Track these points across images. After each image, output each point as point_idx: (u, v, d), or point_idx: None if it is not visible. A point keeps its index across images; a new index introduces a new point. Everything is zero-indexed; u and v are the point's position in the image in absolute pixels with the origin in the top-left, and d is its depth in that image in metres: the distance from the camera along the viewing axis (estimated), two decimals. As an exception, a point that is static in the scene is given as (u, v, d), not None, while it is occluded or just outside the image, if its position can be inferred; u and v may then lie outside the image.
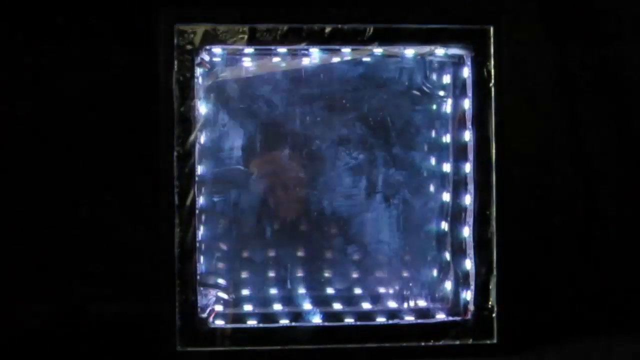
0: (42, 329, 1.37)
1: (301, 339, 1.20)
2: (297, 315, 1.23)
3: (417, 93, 1.31)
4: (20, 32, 1.59)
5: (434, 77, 1.30)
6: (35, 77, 1.59)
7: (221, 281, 1.28)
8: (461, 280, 1.24)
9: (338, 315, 1.24)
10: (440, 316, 1.24)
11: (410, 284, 1.31)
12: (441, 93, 1.29)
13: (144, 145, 1.37)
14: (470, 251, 1.23)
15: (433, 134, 1.30)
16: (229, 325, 1.21)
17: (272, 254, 1.31)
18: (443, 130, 1.29)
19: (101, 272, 1.58)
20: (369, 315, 1.25)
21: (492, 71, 1.22)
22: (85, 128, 1.62)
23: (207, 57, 1.21)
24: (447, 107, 1.28)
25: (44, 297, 1.52)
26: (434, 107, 1.30)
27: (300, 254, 1.31)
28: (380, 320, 1.23)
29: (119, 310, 1.46)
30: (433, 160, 1.30)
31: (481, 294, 1.23)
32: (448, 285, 1.26)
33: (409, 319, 1.24)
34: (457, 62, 1.26)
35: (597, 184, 1.64)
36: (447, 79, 1.28)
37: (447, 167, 1.27)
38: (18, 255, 1.59)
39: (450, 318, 1.24)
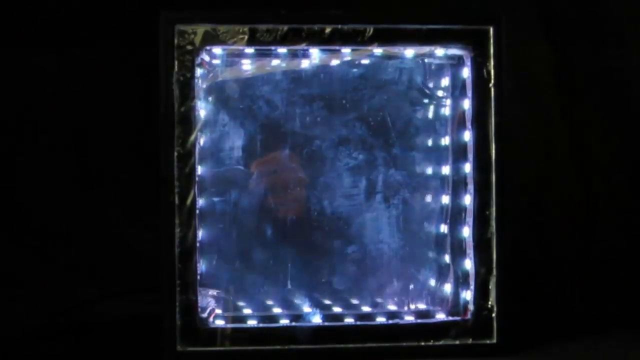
0: (42, 328, 1.37)
1: (301, 339, 1.20)
2: (297, 316, 1.23)
3: (417, 93, 1.31)
4: (20, 34, 1.59)
5: (434, 77, 1.30)
6: (35, 77, 1.60)
7: (221, 281, 1.28)
8: (461, 281, 1.24)
9: (338, 315, 1.24)
10: (440, 316, 1.24)
11: (411, 286, 1.31)
12: (440, 93, 1.29)
13: (144, 146, 1.38)
14: (470, 251, 1.23)
15: (433, 134, 1.30)
16: (229, 325, 1.21)
17: (272, 254, 1.31)
18: (443, 130, 1.29)
19: (101, 271, 1.59)
20: (368, 315, 1.25)
21: (492, 71, 1.22)
22: (85, 128, 1.62)
23: (207, 58, 1.21)
24: (447, 107, 1.28)
25: (44, 297, 1.52)
26: (434, 107, 1.30)
27: (300, 254, 1.31)
28: (380, 320, 1.23)
29: (119, 310, 1.46)
30: (433, 161, 1.30)
31: (481, 294, 1.23)
32: (448, 287, 1.26)
33: (409, 319, 1.24)
34: (457, 63, 1.26)
35: (597, 184, 1.64)
36: (446, 80, 1.27)
37: (446, 169, 1.27)
38: (17, 255, 1.59)
39: (450, 318, 1.24)
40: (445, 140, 1.28)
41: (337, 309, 1.27)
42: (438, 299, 1.27)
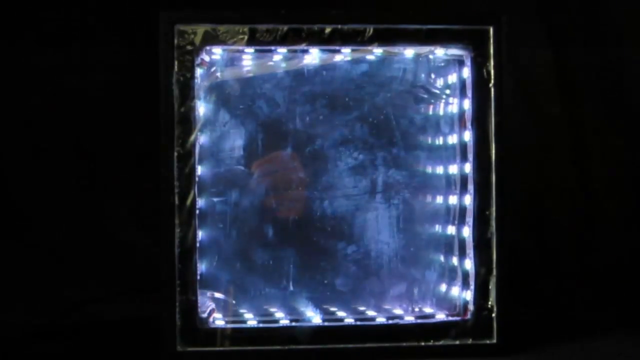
0: (42, 328, 1.37)
1: (301, 339, 1.20)
2: (298, 316, 1.23)
3: (421, 92, 1.31)
4: (20, 34, 1.59)
5: (438, 76, 1.30)
6: (36, 78, 1.60)
7: (221, 281, 1.28)
8: (461, 281, 1.24)
9: (338, 315, 1.24)
10: (440, 316, 1.24)
11: (415, 290, 1.30)
12: (436, 92, 1.29)
13: (144, 146, 1.38)
14: (470, 251, 1.23)
15: (436, 133, 1.30)
16: (229, 325, 1.21)
17: (272, 254, 1.31)
18: (447, 129, 1.28)
19: (101, 272, 1.59)
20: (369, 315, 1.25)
21: (492, 71, 1.22)
22: (85, 128, 1.62)
23: (207, 58, 1.21)
24: (451, 106, 1.27)
25: (44, 297, 1.52)
26: (437, 105, 1.30)
27: (300, 254, 1.31)
28: (380, 320, 1.23)
29: (119, 310, 1.47)
30: (436, 161, 1.30)
31: (481, 294, 1.22)
32: (455, 291, 1.25)
33: (409, 319, 1.24)
34: (460, 62, 1.25)
35: (597, 184, 1.65)
36: (453, 77, 1.27)
37: (453, 169, 1.27)
38: (17, 255, 1.59)
39: (450, 318, 1.23)
40: (446, 139, 1.28)
41: (337, 306, 1.27)
42: (445, 302, 1.27)
